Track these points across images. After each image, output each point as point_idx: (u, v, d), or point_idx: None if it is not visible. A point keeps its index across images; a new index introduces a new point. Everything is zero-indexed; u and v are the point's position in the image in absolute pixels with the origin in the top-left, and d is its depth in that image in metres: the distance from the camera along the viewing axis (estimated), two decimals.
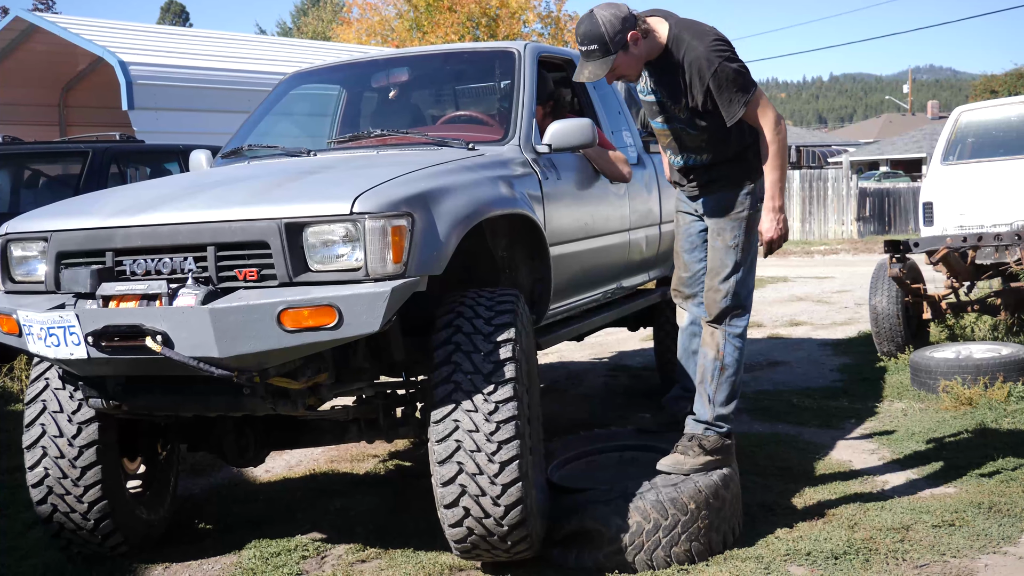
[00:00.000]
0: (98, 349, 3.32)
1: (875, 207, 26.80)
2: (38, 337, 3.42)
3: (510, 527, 3.45)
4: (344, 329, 3.22)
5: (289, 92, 5.45)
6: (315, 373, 3.58)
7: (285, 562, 3.89)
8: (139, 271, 3.45)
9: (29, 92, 15.30)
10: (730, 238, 4.05)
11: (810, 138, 65.84)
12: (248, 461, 4.46)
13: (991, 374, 6.15)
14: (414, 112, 5.27)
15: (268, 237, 3.31)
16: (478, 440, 3.39)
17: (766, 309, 11.65)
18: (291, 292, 3.27)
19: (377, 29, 32.23)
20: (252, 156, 4.77)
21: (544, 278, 4.38)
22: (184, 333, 3.24)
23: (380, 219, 3.30)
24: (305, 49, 17.25)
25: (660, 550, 3.65)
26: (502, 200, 3.96)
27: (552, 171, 4.55)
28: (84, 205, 3.91)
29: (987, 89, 46.16)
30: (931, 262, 7.30)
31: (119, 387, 3.63)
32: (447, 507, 3.46)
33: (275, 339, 3.22)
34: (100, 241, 3.52)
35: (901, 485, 4.57)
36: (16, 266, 3.77)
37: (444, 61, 5.50)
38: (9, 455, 5.70)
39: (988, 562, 3.62)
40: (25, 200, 8.26)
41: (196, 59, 13.43)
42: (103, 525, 3.97)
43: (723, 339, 4.08)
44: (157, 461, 4.39)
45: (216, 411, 3.74)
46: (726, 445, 4.05)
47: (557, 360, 8.63)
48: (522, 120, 4.57)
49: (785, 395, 6.67)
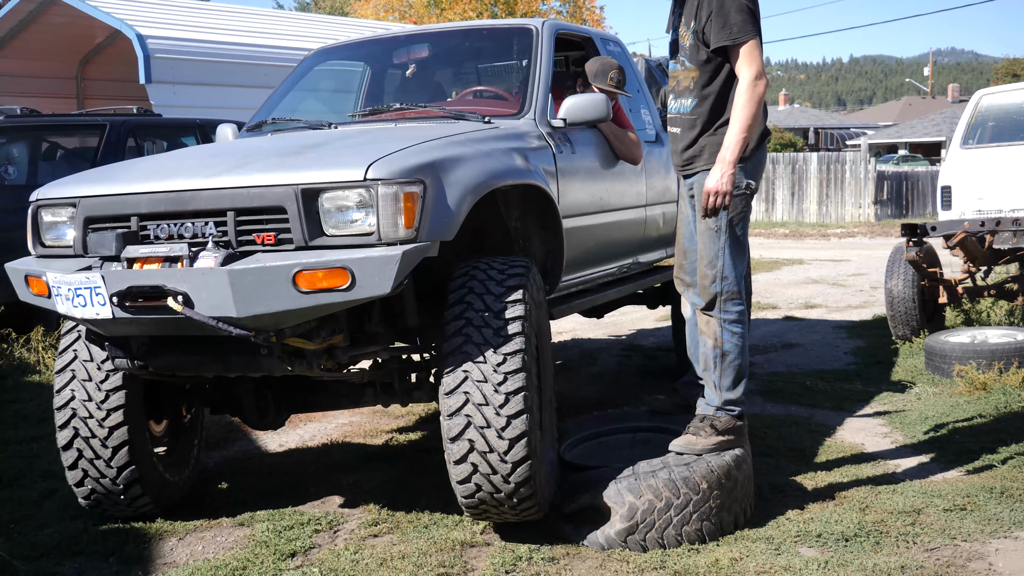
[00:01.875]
0: (122, 309, 3.46)
1: (893, 190, 26.65)
2: (66, 298, 3.57)
3: (517, 484, 3.53)
4: (357, 290, 3.34)
5: (314, 68, 5.58)
6: (330, 335, 3.70)
7: (298, 535, 3.92)
8: (162, 235, 3.60)
9: (47, 65, 15.31)
10: (712, 221, 3.97)
11: (829, 120, 65.49)
12: (268, 424, 4.57)
13: (1006, 359, 6.12)
14: (435, 87, 5.36)
15: (285, 202, 3.44)
16: (486, 392, 3.50)
17: (781, 291, 11.63)
18: (306, 255, 3.39)
19: (395, 5, 32.15)
20: (275, 129, 4.90)
21: (557, 249, 4.48)
22: (204, 294, 3.37)
23: (393, 185, 3.42)
24: (323, 24, 17.22)
25: (671, 528, 3.66)
26: (514, 171, 4.07)
27: (567, 145, 4.64)
28: (111, 173, 4.08)
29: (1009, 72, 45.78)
30: (948, 246, 7.25)
31: (143, 347, 3.76)
32: (456, 463, 3.56)
33: (291, 300, 3.35)
34: (126, 206, 3.67)
35: (913, 469, 4.57)
36: (46, 231, 3.95)
37: (464, 38, 5.62)
38: (26, 425, 5.75)
39: (999, 546, 3.62)
40: (43, 172, 8.29)
41: (214, 33, 13.42)
42: (131, 486, 4.10)
43: (719, 327, 4.04)
44: (181, 424, 4.52)
45: (235, 371, 3.84)
46: (738, 426, 4.05)
47: (571, 339, 8.64)
48: (538, 95, 4.66)
49: (799, 377, 6.67)
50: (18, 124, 8.01)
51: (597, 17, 33.63)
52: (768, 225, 24.38)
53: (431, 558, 3.62)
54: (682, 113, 4.12)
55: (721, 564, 3.49)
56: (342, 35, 15.58)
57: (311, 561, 3.69)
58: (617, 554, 3.61)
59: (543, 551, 3.63)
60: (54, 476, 4.78)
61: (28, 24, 14.76)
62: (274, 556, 3.72)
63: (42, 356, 7.15)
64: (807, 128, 57.17)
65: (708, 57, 3.97)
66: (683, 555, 3.59)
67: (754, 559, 3.52)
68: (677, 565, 3.50)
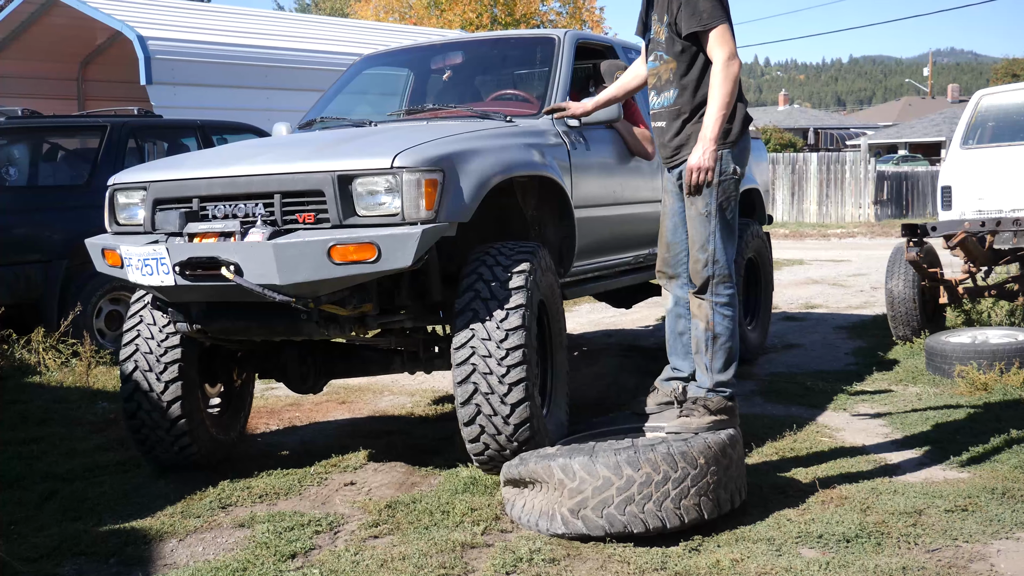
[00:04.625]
0: (183, 277, 4.03)
1: (893, 191, 26.66)
2: (136, 268, 4.17)
3: (519, 443, 4.12)
4: (382, 263, 3.89)
5: (361, 72, 6.29)
6: (361, 303, 4.21)
7: (298, 536, 3.91)
8: (219, 214, 4.18)
9: (48, 66, 15.31)
10: (702, 206, 4.10)
11: (829, 121, 65.53)
12: (308, 388, 5.10)
13: (1007, 360, 6.12)
14: (468, 90, 5.94)
15: (323, 187, 4.00)
16: (490, 348, 4.06)
17: (781, 291, 11.62)
18: (340, 232, 3.96)
19: (395, 6, 32.14)
20: (323, 127, 5.52)
21: (569, 237, 5.00)
22: (252, 264, 3.93)
23: (416, 173, 3.98)
24: (323, 26, 17.21)
25: (669, 502, 3.67)
26: (527, 163, 4.60)
27: (581, 143, 5.16)
28: (176, 161, 4.76)
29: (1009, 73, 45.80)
30: (948, 246, 7.25)
31: (200, 312, 4.34)
32: (465, 425, 4.16)
33: (326, 270, 3.91)
34: (188, 189, 4.26)
35: (914, 469, 4.56)
36: (120, 211, 4.55)
37: (494, 46, 6.39)
38: (26, 427, 5.75)
39: (1001, 547, 3.62)
40: (44, 173, 8.30)
41: (214, 34, 13.42)
42: (180, 437, 4.67)
43: (710, 309, 4.15)
44: (233, 390, 5.17)
45: (278, 335, 4.41)
46: (730, 407, 4.15)
47: (576, 334, 8.64)
48: (556, 97, 5.24)
49: (799, 378, 6.66)
50: (19, 126, 8.00)
51: (596, 18, 33.62)
52: (768, 225, 24.35)
53: (431, 559, 3.62)
54: (665, 106, 4.28)
55: (722, 565, 3.48)
56: (342, 37, 15.62)
57: (311, 562, 3.68)
58: (618, 554, 3.60)
59: (544, 552, 3.63)
60: (55, 477, 4.78)
61: (29, 26, 14.76)
62: (274, 557, 3.71)
63: (43, 357, 7.14)
64: (807, 128, 57.19)
65: (683, 47, 4.16)
66: (683, 556, 3.58)
67: (755, 560, 3.52)
68: (678, 566, 3.49)
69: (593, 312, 10.24)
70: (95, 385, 6.76)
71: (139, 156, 8.25)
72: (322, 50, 14.07)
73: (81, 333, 7.17)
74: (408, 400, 6.47)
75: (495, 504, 4.16)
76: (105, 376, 6.91)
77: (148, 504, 4.39)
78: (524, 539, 3.76)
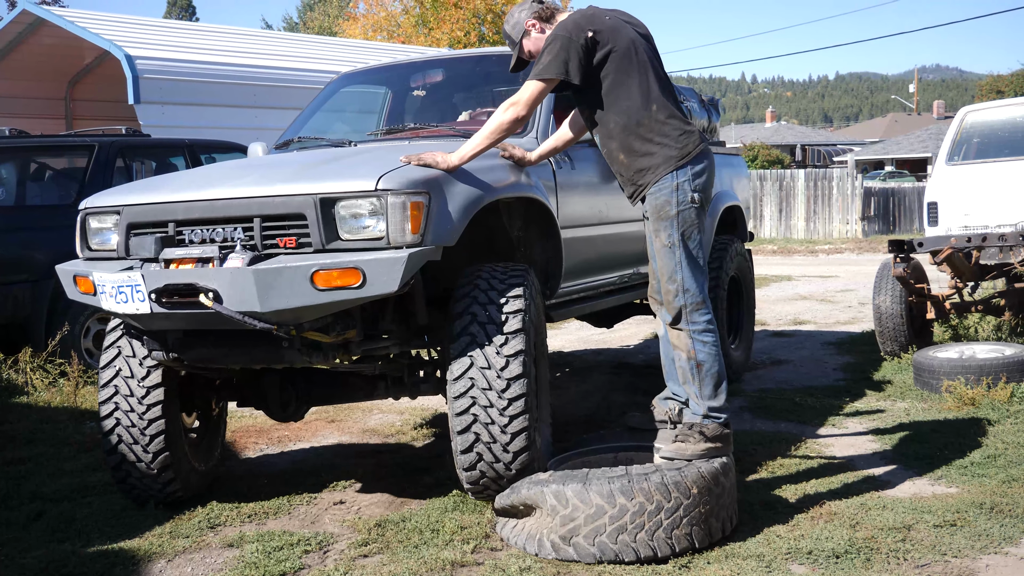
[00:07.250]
0: (159, 304, 3.87)
1: (880, 207, 26.78)
2: (110, 295, 3.99)
3: (517, 472, 3.99)
4: (367, 288, 3.73)
5: (339, 91, 6.09)
6: (344, 329, 4.05)
7: (287, 556, 3.90)
8: (196, 239, 4.02)
9: (36, 85, 15.32)
10: (665, 238, 4.10)
11: (815, 137, 65.81)
12: (289, 416, 4.93)
13: (994, 374, 6.15)
14: (449, 108, 5.81)
15: (305, 210, 3.84)
16: (490, 378, 3.94)
17: (770, 307, 11.66)
18: (323, 257, 3.80)
19: (383, 25, 32.24)
20: (301, 147, 5.33)
21: (556, 257, 4.85)
22: (232, 291, 3.76)
23: (401, 195, 3.82)
24: (311, 44, 17.25)
25: (662, 531, 3.66)
26: (512, 185, 4.44)
27: (567, 162, 5.04)
28: (151, 184, 4.54)
29: (993, 89, 46.14)
30: (935, 262, 7.29)
31: (177, 340, 4.18)
32: (462, 452, 4.01)
33: (309, 296, 3.74)
34: (164, 213, 4.10)
35: (903, 484, 4.57)
36: (92, 236, 4.38)
37: (476, 63, 6.12)
38: (13, 447, 5.72)
39: (989, 562, 3.62)
40: (31, 193, 8.27)
41: (202, 53, 13.44)
42: (164, 471, 4.49)
43: (688, 338, 4.11)
44: (210, 417, 4.97)
45: (259, 362, 4.23)
46: (725, 434, 4.10)
47: (565, 351, 8.64)
48: (540, 115, 5.05)
49: (788, 394, 6.68)
50: (6, 145, 7.98)
51: None
52: (756, 242, 24.45)
53: None
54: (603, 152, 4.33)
55: None
56: (330, 55, 15.65)
57: None
58: (608, 572, 3.60)
59: (534, 570, 3.62)
60: (42, 498, 4.75)
61: (17, 45, 14.77)
62: None
63: (30, 377, 7.11)
64: (794, 145, 57.46)
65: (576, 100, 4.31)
66: (674, 573, 3.58)
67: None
68: None
69: (582, 329, 10.24)
70: (83, 405, 6.73)
71: (127, 175, 8.24)
72: (310, 68, 14.11)
73: (69, 353, 7.15)
74: (398, 418, 6.46)
75: (485, 522, 4.16)
76: (93, 396, 6.87)
77: (136, 525, 4.37)
78: (514, 557, 3.75)
